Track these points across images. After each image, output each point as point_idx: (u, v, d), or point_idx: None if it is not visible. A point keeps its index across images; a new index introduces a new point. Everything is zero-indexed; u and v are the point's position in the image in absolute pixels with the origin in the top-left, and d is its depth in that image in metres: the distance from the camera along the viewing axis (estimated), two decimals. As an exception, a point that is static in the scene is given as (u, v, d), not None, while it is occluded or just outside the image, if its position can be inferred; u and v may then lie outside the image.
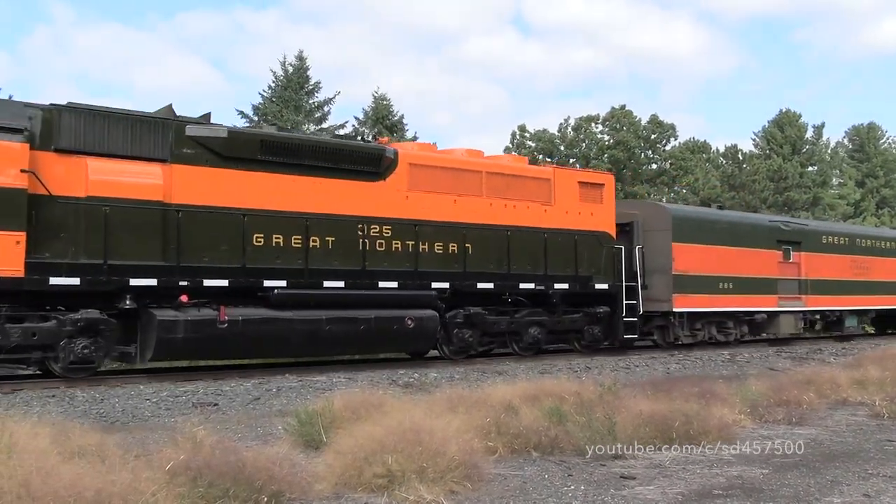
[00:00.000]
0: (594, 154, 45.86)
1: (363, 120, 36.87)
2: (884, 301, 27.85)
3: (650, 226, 20.89)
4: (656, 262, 20.53)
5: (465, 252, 16.80)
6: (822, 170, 55.04)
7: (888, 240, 29.27)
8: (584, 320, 18.97)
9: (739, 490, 6.78)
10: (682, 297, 20.76)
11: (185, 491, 5.76)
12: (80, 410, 10.69)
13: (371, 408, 8.73)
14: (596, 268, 18.90)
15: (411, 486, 6.27)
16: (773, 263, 23.62)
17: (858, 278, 26.45)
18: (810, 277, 24.61)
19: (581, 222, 18.78)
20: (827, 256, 25.50)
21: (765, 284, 23.13)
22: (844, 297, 25.78)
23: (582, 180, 19.29)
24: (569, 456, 8.05)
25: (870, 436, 9.57)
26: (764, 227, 24.33)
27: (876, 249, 27.88)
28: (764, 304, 23.16)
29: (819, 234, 26.14)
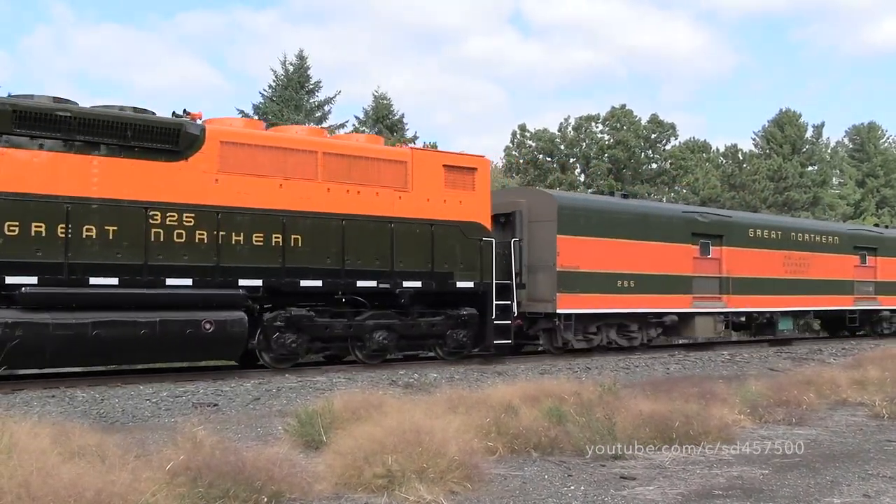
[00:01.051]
0: (594, 154, 45.85)
1: (363, 119, 36.88)
2: (826, 301, 25.32)
3: (536, 216, 18.62)
4: (541, 258, 18.38)
5: (290, 245, 14.51)
6: (822, 170, 55.03)
7: (830, 234, 26.33)
8: (446, 324, 16.65)
9: (739, 490, 6.78)
10: (567, 297, 18.31)
11: (185, 491, 5.76)
12: (80, 410, 10.69)
13: (371, 408, 8.74)
14: (460, 263, 16.60)
15: (411, 486, 6.28)
16: (688, 259, 21.12)
17: (794, 276, 23.97)
18: (733, 275, 22.09)
19: (446, 211, 16.46)
20: (754, 252, 22.93)
21: (677, 283, 20.67)
22: (776, 298, 23.32)
23: (449, 164, 16.78)
24: (569, 456, 8.05)
25: (870, 436, 9.58)
26: (677, 219, 21.54)
27: (816, 245, 25.16)
28: (675, 305, 20.62)
29: (744, 226, 23.36)
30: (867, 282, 27.10)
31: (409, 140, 37.56)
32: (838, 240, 26.10)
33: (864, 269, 27.00)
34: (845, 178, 58.34)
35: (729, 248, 22.28)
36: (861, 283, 26.73)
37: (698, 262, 21.52)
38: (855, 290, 26.31)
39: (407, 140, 37.29)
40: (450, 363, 16.74)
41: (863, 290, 26.79)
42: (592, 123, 47.69)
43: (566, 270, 18.41)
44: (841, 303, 25.91)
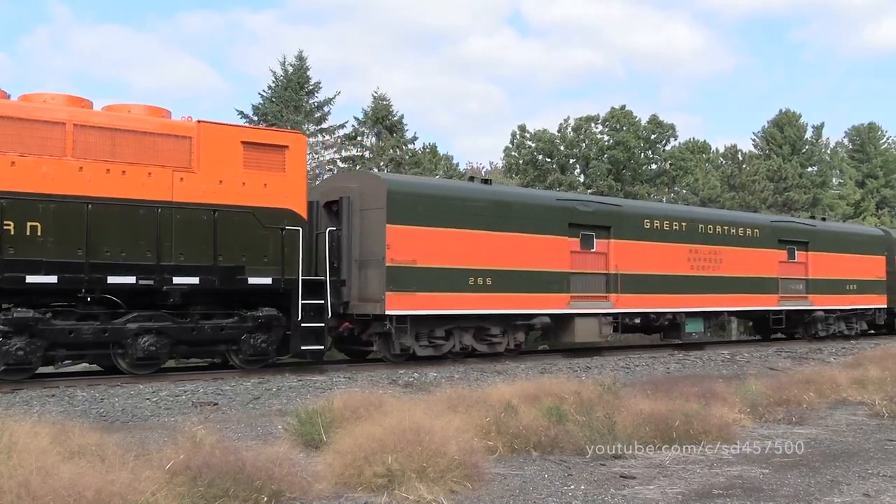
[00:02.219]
0: (594, 154, 45.82)
1: (363, 120, 36.84)
2: (743, 301, 22.71)
3: (367, 203, 16.24)
4: (371, 251, 16.01)
5: (24, 234, 12.26)
6: (821, 170, 55.04)
7: (748, 226, 23.42)
8: (241, 327, 14.26)
9: (739, 490, 6.78)
10: (400, 297, 15.77)
11: (185, 490, 5.77)
12: (80, 410, 10.69)
13: (371, 407, 8.74)
14: (257, 256, 14.22)
15: (411, 485, 6.27)
16: (564, 253, 18.55)
17: (702, 273, 21.37)
18: (623, 271, 19.50)
19: (244, 196, 14.11)
20: (651, 245, 20.25)
21: (549, 280, 18.15)
22: (680, 297, 20.71)
23: (250, 140, 14.37)
24: (569, 455, 8.05)
25: (870, 435, 9.58)
26: (550, 208, 18.73)
27: (730, 238, 22.47)
28: (547, 305, 18.07)
29: (638, 217, 20.51)
30: (796, 279, 24.58)
31: (408, 141, 37.50)
32: (759, 232, 23.34)
33: (792, 266, 24.47)
34: (845, 179, 58.34)
35: (618, 242, 19.66)
36: (788, 280, 24.22)
37: (578, 257, 18.98)
38: (780, 289, 23.78)
39: (407, 141, 37.24)
40: (450, 363, 16.72)
41: (790, 288, 24.27)
42: (592, 124, 47.68)
43: (399, 266, 15.82)
44: (762, 302, 23.38)
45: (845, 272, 25.92)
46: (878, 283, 27.38)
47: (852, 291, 26.20)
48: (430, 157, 42.34)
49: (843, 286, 25.88)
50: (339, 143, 35.28)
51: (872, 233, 29.24)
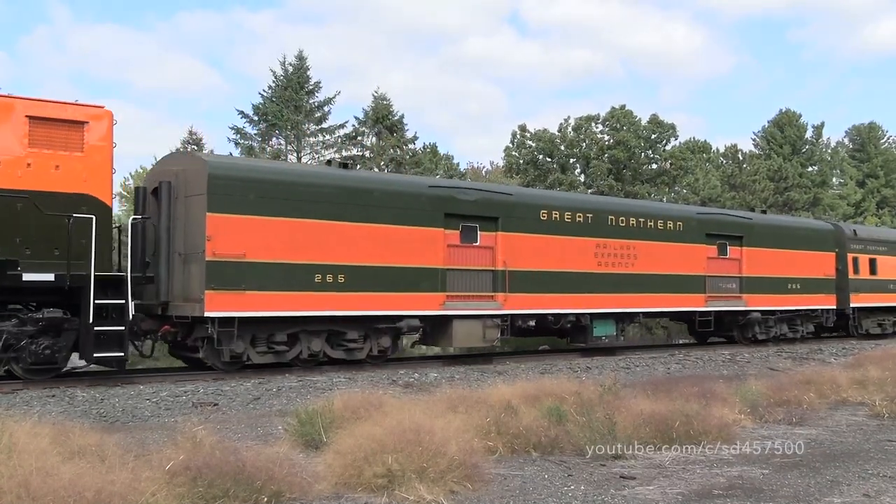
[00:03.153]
0: (594, 154, 45.81)
1: (363, 120, 36.84)
2: (663, 301, 20.49)
3: (191, 189, 14.28)
4: (193, 244, 14.03)
5: None
6: (822, 170, 55.04)
7: (669, 218, 21.04)
8: (21, 331, 12.31)
9: (740, 490, 6.78)
10: (225, 296, 13.74)
11: (185, 491, 5.77)
12: (80, 410, 10.70)
13: (371, 408, 8.74)
14: (34, 248, 12.29)
15: (411, 486, 6.27)
16: (438, 248, 16.40)
17: (613, 270, 19.25)
18: (512, 268, 17.35)
19: (26, 178, 12.21)
20: (548, 239, 18.18)
21: (419, 278, 16.09)
22: (585, 297, 18.65)
23: (37, 114, 12.47)
24: (569, 456, 8.06)
25: (870, 436, 9.58)
26: (420, 197, 16.50)
27: (647, 232, 20.20)
28: (417, 306, 16.03)
29: (532, 207, 18.25)
30: (728, 277, 22.36)
31: (409, 141, 37.48)
32: (682, 226, 21.08)
33: (723, 262, 22.26)
34: (845, 179, 58.35)
35: (508, 234, 17.54)
36: (718, 278, 22.02)
37: (458, 252, 16.88)
38: (708, 288, 21.58)
39: (407, 141, 37.22)
40: (450, 362, 16.72)
41: (721, 287, 22.06)
42: (592, 124, 47.68)
43: (223, 260, 13.76)
44: (686, 303, 21.08)
45: (787, 270, 23.82)
46: (826, 282, 25.27)
47: (795, 291, 24.06)
48: (431, 157, 42.32)
49: (783, 285, 23.73)
50: (339, 143, 35.29)
51: (820, 227, 26.77)
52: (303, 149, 34.49)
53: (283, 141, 34.58)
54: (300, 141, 34.40)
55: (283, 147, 34.37)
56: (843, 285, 25.93)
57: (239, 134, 33.96)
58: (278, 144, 34.55)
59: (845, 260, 26.28)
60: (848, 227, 28.32)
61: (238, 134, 33.96)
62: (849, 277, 26.21)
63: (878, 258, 27.83)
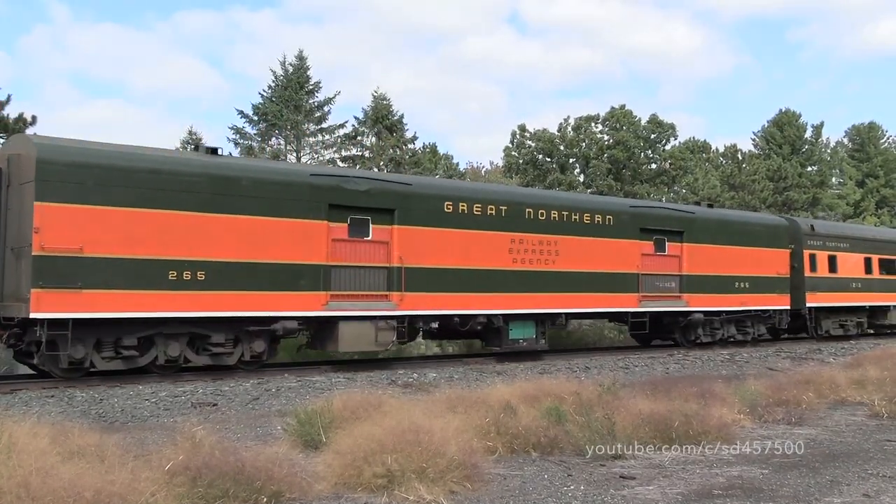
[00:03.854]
0: (594, 154, 45.83)
1: (363, 119, 36.85)
2: (592, 301, 18.87)
3: (23, 176, 13.00)
4: (24, 236, 12.72)
5: None
6: (821, 170, 55.05)
7: (597, 212, 19.38)
8: None
9: (739, 490, 6.78)
10: (55, 295, 12.31)
11: (185, 491, 5.76)
12: (80, 410, 10.70)
13: (370, 408, 8.74)
14: None
15: (411, 486, 6.27)
16: (321, 243, 14.94)
17: (532, 267, 17.64)
18: (410, 264, 15.85)
19: None
20: (453, 233, 16.54)
21: (297, 275, 14.62)
22: (498, 296, 17.12)
23: None
24: (568, 456, 8.05)
25: (869, 435, 9.58)
26: (298, 187, 14.92)
27: (571, 226, 18.56)
28: (295, 306, 14.59)
29: (434, 198, 16.57)
30: (667, 275, 20.68)
31: (408, 140, 37.44)
32: (612, 220, 19.41)
33: (661, 259, 20.56)
34: (845, 179, 58.37)
35: (405, 228, 15.97)
36: (655, 277, 20.33)
37: (346, 247, 15.39)
38: (643, 287, 19.89)
39: (407, 141, 37.19)
40: (450, 362, 16.70)
41: (658, 286, 20.39)
42: (592, 124, 47.69)
43: (54, 255, 12.39)
44: (616, 303, 19.39)
45: (734, 268, 22.12)
46: (779, 281, 23.45)
47: (743, 290, 22.33)
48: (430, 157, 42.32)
49: (730, 284, 22.00)
50: (339, 143, 35.29)
51: (773, 222, 24.77)
52: (302, 149, 34.50)
53: (283, 141, 34.59)
54: (300, 141, 34.40)
55: (282, 147, 34.39)
56: (799, 284, 24.32)
57: (239, 134, 33.98)
58: (278, 144, 34.56)
59: (801, 257, 24.61)
60: (805, 222, 26.50)
61: (238, 134, 33.98)
62: (805, 275, 24.50)
63: (839, 255, 26.02)
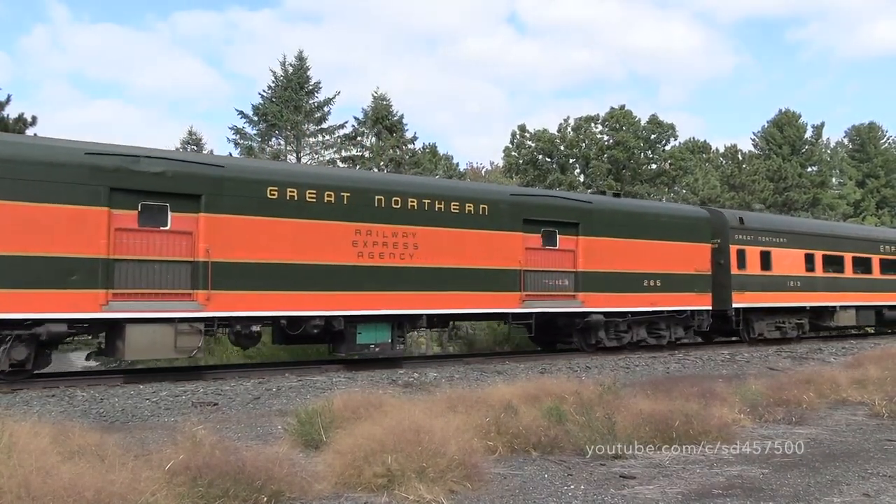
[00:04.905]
0: (594, 154, 45.85)
1: (363, 120, 36.85)
2: (461, 301, 16.78)
3: None
4: None
5: None
6: (821, 170, 55.07)
7: (468, 200, 17.18)
8: None
9: (739, 490, 6.77)
10: None
11: (185, 491, 5.76)
12: (80, 410, 10.70)
13: (371, 407, 8.74)
14: None
15: (411, 485, 6.27)
16: (100, 232, 13.06)
17: (383, 262, 15.64)
18: (218, 259, 13.94)
19: None
20: (277, 223, 14.62)
21: (68, 271, 12.75)
22: (341, 295, 15.15)
23: None
24: (569, 455, 8.05)
25: (869, 435, 9.57)
26: (73, 168, 12.93)
27: (436, 215, 16.53)
28: (65, 307, 12.75)
29: (255, 182, 14.60)
30: (559, 272, 18.65)
31: (408, 141, 37.45)
32: (488, 209, 17.28)
33: (551, 255, 18.55)
34: (845, 179, 58.38)
35: (215, 217, 14.05)
36: (542, 273, 18.31)
37: (133, 238, 13.52)
38: (528, 285, 17.88)
39: (407, 141, 37.19)
40: (450, 362, 16.70)
41: (546, 283, 18.36)
42: (592, 124, 47.70)
43: None
44: (494, 303, 17.30)
45: (643, 264, 20.09)
46: (699, 279, 21.39)
47: (654, 289, 20.27)
48: (430, 157, 42.33)
49: (637, 282, 19.94)
50: (339, 144, 35.29)
51: (692, 214, 22.47)
52: (302, 149, 34.51)
53: (283, 141, 34.59)
54: (300, 141, 34.41)
55: (282, 147, 34.39)
56: (725, 282, 22.42)
57: (239, 134, 33.99)
58: (278, 145, 34.57)
59: (728, 252, 22.67)
60: (732, 215, 24.07)
61: (238, 134, 33.99)
62: (731, 273, 22.61)
63: (774, 251, 23.99)
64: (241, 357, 19.35)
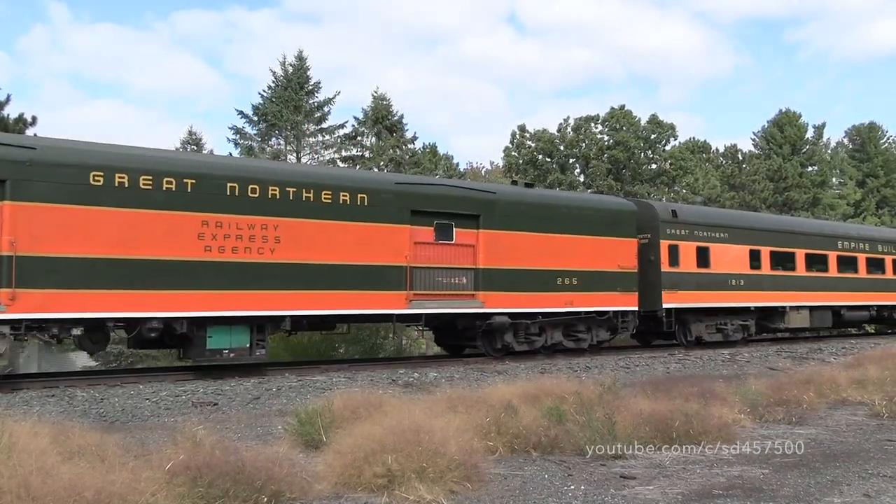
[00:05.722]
0: (594, 154, 45.84)
1: (363, 119, 36.85)
2: (333, 301, 14.93)
3: None
4: None
5: None
6: (822, 170, 55.05)
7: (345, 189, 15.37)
8: None
9: (739, 490, 6.77)
10: None
11: (185, 491, 5.76)
12: (80, 410, 10.70)
13: (371, 407, 8.74)
14: None
15: (411, 485, 6.27)
16: None
17: (236, 258, 14.02)
18: (24, 253, 12.27)
19: None
20: (103, 213, 12.93)
21: None
22: (182, 294, 13.46)
23: None
24: (569, 456, 8.05)
25: (869, 435, 9.57)
26: None
27: (304, 206, 14.77)
28: None
29: (77, 167, 12.86)
30: (454, 269, 16.74)
31: (408, 141, 37.44)
32: (367, 199, 15.49)
33: (444, 250, 16.68)
34: (845, 179, 58.36)
35: (22, 206, 12.39)
36: (435, 270, 16.44)
37: None
38: (416, 283, 16.05)
39: (407, 141, 37.18)
40: (450, 362, 16.69)
41: (440, 282, 16.50)
42: (592, 124, 47.69)
43: None
44: (373, 302, 15.43)
45: (556, 260, 18.22)
46: (623, 277, 19.51)
47: (570, 288, 18.41)
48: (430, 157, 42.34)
49: (549, 280, 18.08)
50: (339, 144, 35.30)
51: (615, 206, 20.50)
52: (302, 149, 34.51)
53: (283, 141, 34.60)
54: (300, 141, 34.41)
55: (282, 147, 34.40)
56: (655, 280, 20.53)
57: (239, 134, 34.00)
58: (278, 145, 34.58)
59: (658, 248, 20.72)
60: (664, 207, 22.17)
61: (238, 134, 34.00)
62: (661, 270, 20.67)
63: (713, 246, 22.06)
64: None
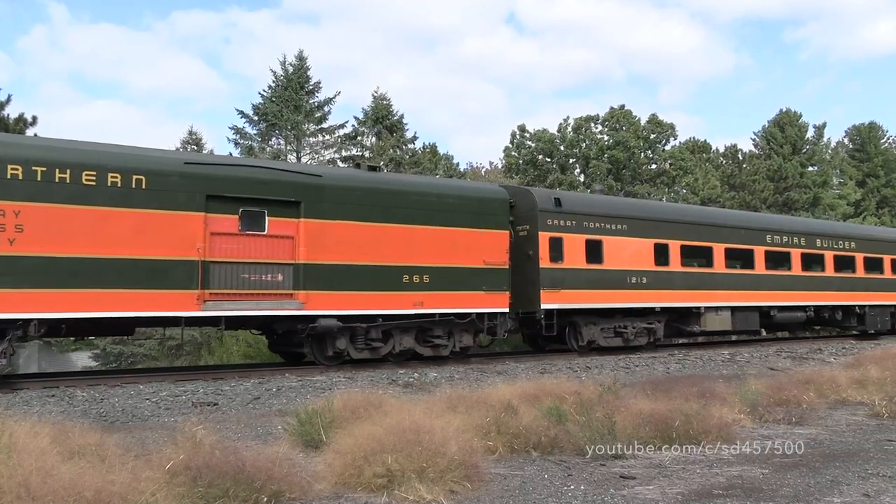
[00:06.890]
0: (594, 154, 45.84)
1: (363, 119, 36.85)
2: (102, 300, 12.79)
3: None
4: None
5: None
6: (822, 170, 55.04)
7: (112, 170, 13.06)
8: None
9: (739, 490, 6.77)
10: None
11: (185, 491, 5.76)
12: (80, 410, 10.70)
13: (371, 407, 8.74)
14: None
15: (411, 485, 6.27)
16: None
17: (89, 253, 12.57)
18: None
19: None
20: None
21: None
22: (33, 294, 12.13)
23: None
24: (569, 456, 8.05)
25: (869, 435, 9.57)
26: None
27: (56, 189, 12.51)
28: None
29: None
30: (266, 264, 14.49)
31: (408, 140, 37.45)
32: (146, 181, 13.35)
33: (253, 241, 14.45)
34: (845, 179, 58.35)
35: None
36: (240, 266, 14.22)
37: None
38: (213, 281, 13.88)
39: (407, 141, 37.20)
40: (450, 362, 16.69)
41: (247, 279, 14.28)
42: (592, 124, 47.69)
43: None
44: (151, 303, 13.22)
45: (402, 255, 15.96)
46: (491, 274, 17.14)
47: (422, 287, 16.14)
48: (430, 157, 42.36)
49: (394, 278, 15.83)
50: (340, 143, 35.30)
51: (480, 194, 17.93)
52: (302, 149, 34.51)
53: (283, 141, 34.61)
54: (300, 141, 34.42)
55: (282, 147, 34.40)
56: (533, 278, 18.19)
57: (239, 134, 34.01)
58: (278, 144, 34.58)
59: (536, 241, 18.33)
60: (545, 195, 19.61)
61: (238, 134, 34.01)
62: (539, 267, 18.22)
63: (608, 240, 19.58)
64: (241, 357, 19.36)
